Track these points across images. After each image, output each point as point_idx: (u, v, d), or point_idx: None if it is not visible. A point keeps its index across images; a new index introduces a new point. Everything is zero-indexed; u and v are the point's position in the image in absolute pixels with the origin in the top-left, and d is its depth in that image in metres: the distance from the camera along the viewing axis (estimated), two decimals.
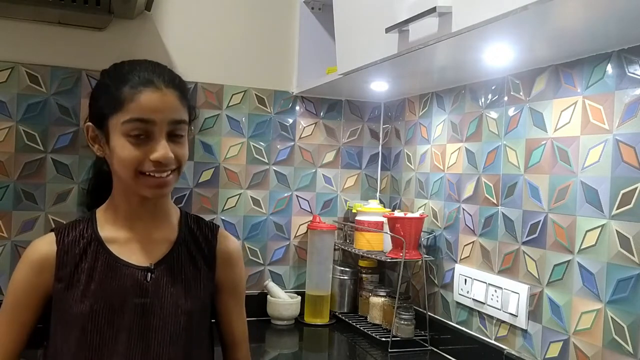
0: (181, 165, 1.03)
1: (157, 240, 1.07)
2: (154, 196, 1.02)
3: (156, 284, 1.03)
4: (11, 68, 1.77)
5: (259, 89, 2.05)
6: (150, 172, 0.98)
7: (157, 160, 0.97)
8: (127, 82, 0.98)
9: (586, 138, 1.29)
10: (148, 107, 0.97)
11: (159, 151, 0.97)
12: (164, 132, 0.98)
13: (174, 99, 1.00)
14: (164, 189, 1.02)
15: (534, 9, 0.96)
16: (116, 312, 1.00)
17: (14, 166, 1.77)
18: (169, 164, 0.99)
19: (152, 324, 1.01)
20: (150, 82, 0.98)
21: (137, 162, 0.98)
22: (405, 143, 2.05)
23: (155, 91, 0.98)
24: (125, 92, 0.97)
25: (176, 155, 1.00)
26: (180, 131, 1.01)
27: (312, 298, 2.01)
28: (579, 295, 1.29)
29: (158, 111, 0.97)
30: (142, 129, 0.97)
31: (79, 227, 1.05)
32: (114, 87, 0.99)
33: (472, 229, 1.66)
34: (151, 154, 0.97)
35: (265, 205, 2.07)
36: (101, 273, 1.01)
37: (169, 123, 0.99)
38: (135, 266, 1.03)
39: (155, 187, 1.00)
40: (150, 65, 1.02)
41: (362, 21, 1.51)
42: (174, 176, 1.02)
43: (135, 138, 0.97)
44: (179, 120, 1.00)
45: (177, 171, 1.03)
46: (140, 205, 1.05)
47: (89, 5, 1.66)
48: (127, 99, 0.97)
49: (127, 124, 0.97)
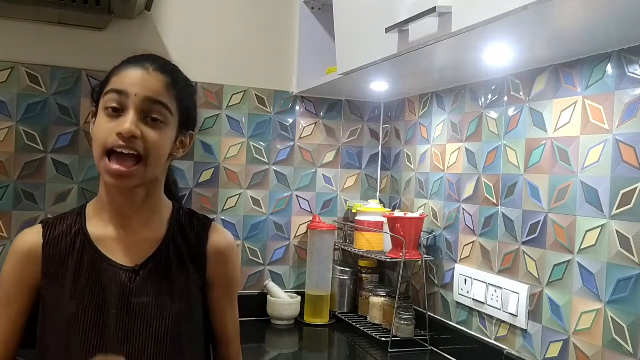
0: (149, 154, 0.97)
1: (145, 239, 1.04)
2: (115, 186, 0.98)
3: (141, 286, 1.01)
4: (11, 68, 1.77)
5: (259, 89, 2.05)
6: (114, 147, 0.94)
7: (119, 132, 0.94)
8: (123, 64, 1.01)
9: (586, 138, 1.29)
10: (126, 80, 0.97)
11: (123, 124, 0.94)
12: (138, 108, 0.96)
13: (157, 81, 0.98)
14: (126, 180, 0.96)
15: (534, 9, 0.96)
16: (101, 312, 0.98)
17: (14, 166, 1.77)
18: (133, 142, 0.94)
19: (137, 326, 0.99)
20: (141, 63, 0.99)
21: (105, 135, 0.95)
22: (405, 143, 2.05)
23: (140, 69, 0.98)
24: (115, 71, 1.00)
25: (145, 137, 0.96)
26: (157, 114, 0.97)
27: (312, 298, 2.01)
28: (579, 295, 1.29)
29: (134, 85, 0.96)
30: (116, 101, 0.96)
31: (67, 221, 1.04)
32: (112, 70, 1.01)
33: (472, 229, 1.66)
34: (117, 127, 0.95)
35: (265, 205, 2.07)
36: (87, 271, 1.00)
37: (144, 99, 0.96)
38: (121, 266, 1.01)
39: (115, 176, 0.95)
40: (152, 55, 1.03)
41: (362, 21, 1.51)
42: (138, 169, 0.96)
43: (110, 111, 0.96)
44: (157, 101, 0.97)
45: (145, 163, 0.97)
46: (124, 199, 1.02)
47: (89, 5, 1.66)
48: (113, 75, 0.99)
49: (106, 97, 0.97)
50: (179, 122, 1.03)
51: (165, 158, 1.02)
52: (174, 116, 1.01)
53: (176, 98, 1.01)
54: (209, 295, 1.10)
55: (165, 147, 1.01)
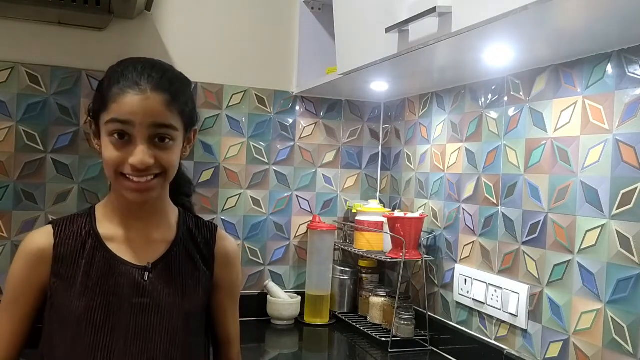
0: (166, 170, 0.99)
1: (156, 240, 1.06)
2: (135, 200, 1.00)
3: (153, 284, 1.02)
4: (11, 68, 1.77)
5: (259, 89, 2.05)
6: (129, 175, 0.97)
7: (133, 165, 0.95)
8: (118, 82, 0.97)
9: (586, 138, 1.29)
10: (127, 109, 0.95)
11: (136, 156, 0.95)
12: (145, 135, 0.96)
13: (158, 103, 0.96)
14: (145, 193, 0.99)
15: (534, 9, 0.96)
16: (113, 310, 0.99)
17: (14, 166, 1.77)
18: (147, 169, 0.97)
19: (148, 324, 1.00)
20: (137, 84, 0.96)
21: (117, 164, 0.96)
22: (405, 143, 2.05)
23: (138, 94, 0.95)
24: (112, 92, 0.97)
25: (159, 160, 0.97)
26: (165, 136, 0.98)
27: (312, 298, 2.01)
28: (579, 295, 1.29)
29: (137, 113, 0.95)
30: (121, 131, 0.96)
31: (78, 222, 1.05)
32: (107, 86, 0.99)
33: (472, 229, 1.66)
34: (130, 158, 0.96)
35: (265, 205, 2.07)
36: (99, 270, 1.01)
37: (150, 126, 0.96)
38: (133, 265, 1.02)
39: (135, 191, 0.98)
40: (146, 66, 0.99)
41: (362, 21, 1.51)
42: (157, 181, 0.99)
43: (116, 139, 0.96)
44: (162, 124, 0.97)
45: (163, 176, 1.00)
46: (135, 206, 1.04)
47: (89, 5, 1.66)
48: (112, 99, 0.96)
49: (109, 124, 0.96)
50: (184, 128, 1.03)
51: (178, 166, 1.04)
52: (179, 129, 1.01)
53: (178, 111, 1.00)
54: (213, 297, 1.12)
55: (177, 159, 1.02)
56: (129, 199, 0.99)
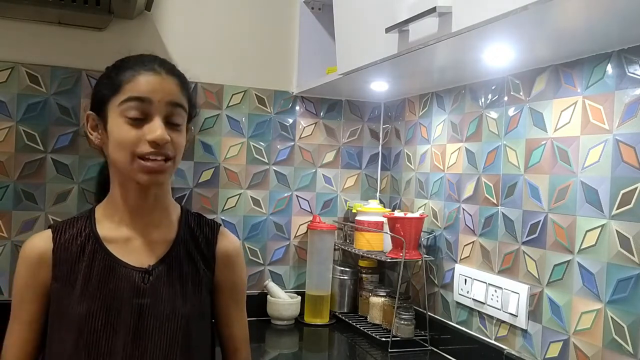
0: (177, 154, 1.01)
1: (156, 240, 1.06)
2: (149, 183, 0.99)
3: (154, 286, 1.02)
4: (11, 68, 1.77)
5: (259, 89, 2.05)
6: (147, 154, 0.96)
7: (153, 140, 0.96)
8: (128, 67, 1.00)
9: (586, 138, 1.29)
10: (146, 87, 0.97)
11: (156, 131, 0.96)
12: (162, 113, 0.98)
13: (173, 84, 1.00)
14: (160, 175, 0.99)
15: (534, 9, 0.96)
16: (113, 313, 0.99)
17: (14, 166, 1.77)
18: (165, 147, 0.97)
19: (149, 326, 1.00)
20: (151, 67, 1.00)
21: (134, 143, 0.96)
22: (405, 143, 2.05)
23: (154, 74, 0.99)
24: (125, 75, 0.99)
25: (173, 142, 0.99)
26: (178, 117, 1.00)
27: (312, 298, 2.01)
28: (579, 295, 1.29)
29: (155, 91, 0.97)
30: (139, 108, 0.96)
31: (77, 225, 1.04)
32: (115, 73, 1.00)
33: (472, 229, 1.66)
34: (148, 134, 0.96)
35: (265, 205, 2.07)
36: (99, 273, 1.00)
37: (167, 104, 0.98)
38: (133, 267, 1.02)
39: (150, 173, 0.98)
40: (153, 56, 1.04)
41: (362, 21, 1.51)
42: (170, 165, 1.00)
43: (132, 119, 0.97)
44: (178, 104, 1.00)
45: (173, 161, 1.00)
46: (139, 199, 1.03)
47: (89, 5, 1.66)
48: (126, 81, 0.98)
49: (125, 104, 0.97)
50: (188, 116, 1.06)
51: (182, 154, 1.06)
52: (186, 114, 1.04)
53: (187, 97, 1.04)
54: (216, 299, 1.11)
55: (184, 145, 1.04)
56: (141, 181, 0.99)
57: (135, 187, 1.02)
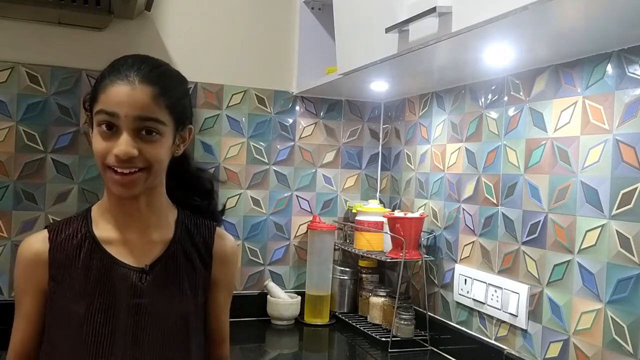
0: (152, 165, 0.98)
1: (153, 241, 1.06)
2: (120, 194, 0.99)
3: (151, 286, 1.02)
4: (11, 68, 1.77)
5: (259, 89, 2.05)
6: (114, 166, 0.96)
7: (116, 155, 0.95)
8: (109, 74, 0.98)
9: (586, 138, 1.29)
10: (114, 100, 0.96)
11: (119, 146, 0.95)
12: (130, 127, 0.96)
13: (145, 95, 0.96)
14: (130, 188, 0.98)
15: (534, 9, 0.96)
16: (111, 313, 0.99)
17: (14, 166, 1.77)
18: (130, 161, 0.96)
19: (146, 325, 1.00)
20: (126, 76, 0.97)
21: (103, 155, 0.97)
22: (405, 143, 2.05)
23: (125, 85, 0.96)
24: (103, 84, 0.98)
25: (144, 154, 0.97)
26: (152, 129, 0.97)
27: (312, 298, 2.01)
28: (579, 295, 1.29)
29: (123, 105, 0.95)
30: (107, 122, 0.96)
31: (73, 225, 1.04)
32: (99, 79, 1.00)
33: (472, 229, 1.66)
34: (114, 148, 0.96)
35: (265, 205, 2.07)
36: (96, 273, 1.00)
37: (134, 119, 0.95)
38: (131, 267, 1.02)
39: (119, 185, 0.97)
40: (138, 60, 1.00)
41: (362, 21, 1.51)
42: (141, 176, 0.98)
43: (104, 130, 0.97)
44: (148, 118, 0.96)
45: (147, 171, 0.98)
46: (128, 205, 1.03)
47: (89, 5, 1.66)
48: (101, 91, 0.97)
49: (97, 115, 0.97)
50: (174, 124, 1.02)
51: (166, 164, 1.03)
52: (167, 124, 1.00)
53: (167, 106, 0.99)
54: (210, 295, 1.12)
55: (164, 155, 1.01)
56: (115, 192, 1.00)
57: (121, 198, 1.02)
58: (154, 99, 0.97)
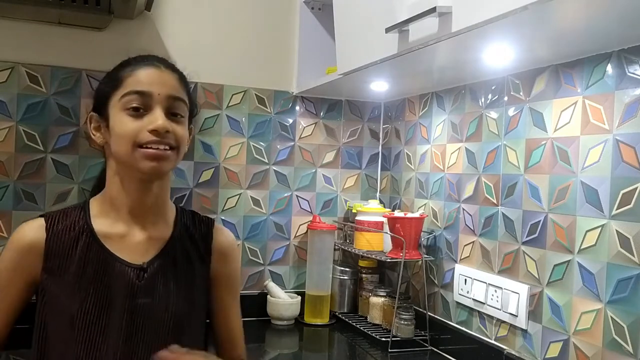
0: (180, 145, 1.02)
1: (152, 238, 1.05)
2: (151, 170, 0.99)
3: (148, 284, 1.01)
4: (11, 68, 1.77)
5: (259, 89, 2.05)
6: (148, 142, 0.97)
7: (154, 129, 0.97)
8: (128, 64, 1.03)
9: (586, 138, 1.29)
10: (146, 80, 0.99)
11: (156, 121, 0.97)
12: (163, 106, 0.99)
13: (173, 78, 1.03)
14: (162, 163, 0.99)
15: (534, 9, 0.96)
16: (106, 309, 0.98)
17: (14, 166, 1.77)
18: (166, 136, 0.98)
19: (142, 324, 1.00)
20: (150, 62, 1.02)
21: (135, 133, 0.97)
22: (405, 143, 2.05)
23: (154, 68, 1.01)
24: (125, 70, 1.01)
25: (175, 132, 1.00)
26: (179, 110, 1.02)
27: (312, 298, 2.01)
28: (579, 295, 1.29)
29: (155, 84, 0.99)
30: (139, 101, 0.98)
31: (70, 217, 1.03)
32: (115, 70, 1.03)
33: (472, 229, 1.66)
34: (149, 124, 0.98)
35: (265, 205, 2.07)
36: (93, 268, 0.99)
37: (167, 98, 1.00)
38: (128, 264, 1.01)
39: (153, 159, 0.98)
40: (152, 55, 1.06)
41: (362, 21, 1.51)
42: (172, 154, 1.00)
43: (133, 111, 0.98)
44: (178, 97, 1.02)
45: (176, 151, 1.01)
46: (140, 195, 1.03)
47: (89, 5, 1.66)
48: (127, 75, 1.00)
49: (125, 97, 0.98)
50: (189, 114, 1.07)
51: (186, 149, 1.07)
52: (187, 109, 1.05)
53: (186, 92, 1.06)
54: (212, 293, 1.11)
55: (187, 138, 1.05)
56: (145, 170, 0.98)
57: (137, 183, 1.02)
58: (179, 82, 1.04)
